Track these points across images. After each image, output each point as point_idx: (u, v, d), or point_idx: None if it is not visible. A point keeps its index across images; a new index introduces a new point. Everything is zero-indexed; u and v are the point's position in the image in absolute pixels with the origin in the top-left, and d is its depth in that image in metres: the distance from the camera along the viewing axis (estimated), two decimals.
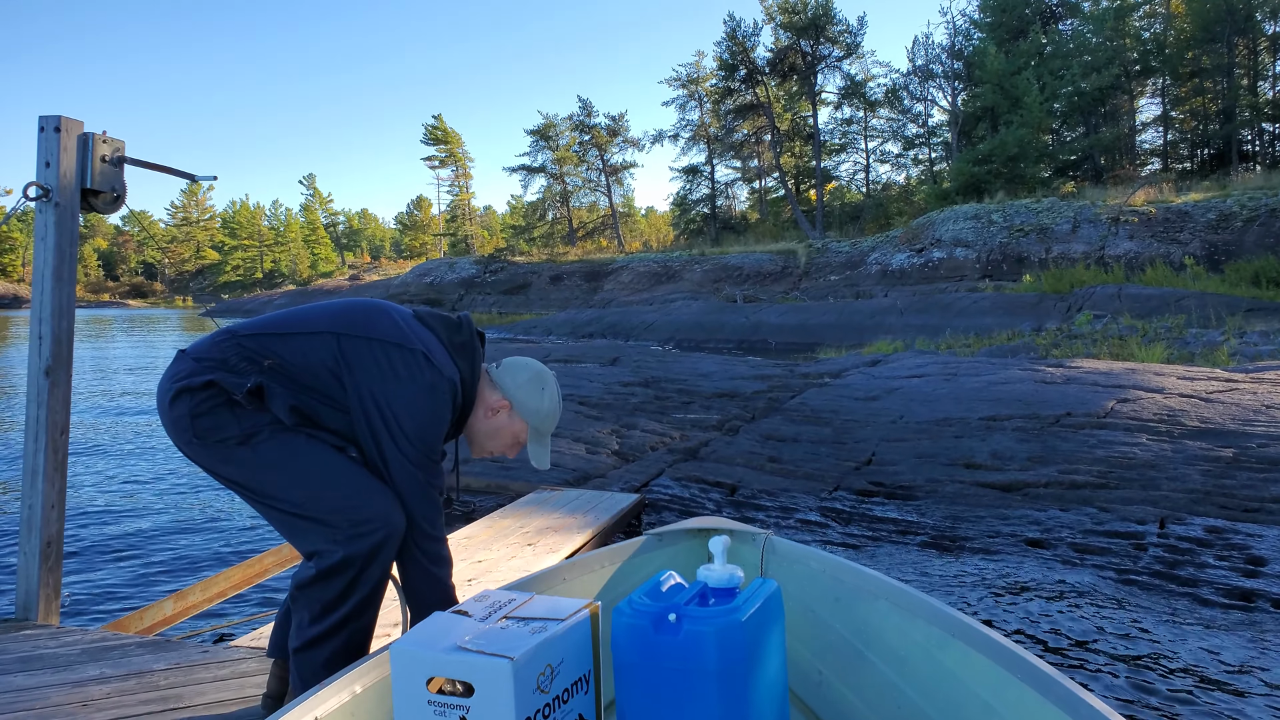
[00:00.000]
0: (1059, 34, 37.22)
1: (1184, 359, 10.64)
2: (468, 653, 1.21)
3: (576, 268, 39.96)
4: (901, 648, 1.56)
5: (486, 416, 2.07)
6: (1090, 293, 18.40)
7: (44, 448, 3.17)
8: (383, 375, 1.89)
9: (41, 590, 3.19)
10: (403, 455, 1.89)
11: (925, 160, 43.43)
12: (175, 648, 2.87)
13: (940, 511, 5.21)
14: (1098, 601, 3.87)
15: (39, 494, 3.17)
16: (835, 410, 7.68)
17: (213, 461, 1.92)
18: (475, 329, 2.10)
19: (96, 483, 7.37)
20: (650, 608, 1.34)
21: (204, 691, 2.43)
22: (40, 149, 3.12)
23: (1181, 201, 23.98)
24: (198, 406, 1.87)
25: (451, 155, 65.24)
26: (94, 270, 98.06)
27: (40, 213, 3.14)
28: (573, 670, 1.32)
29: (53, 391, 3.18)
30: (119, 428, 10.42)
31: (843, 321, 21.49)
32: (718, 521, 2.12)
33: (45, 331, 3.17)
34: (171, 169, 3.38)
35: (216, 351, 1.92)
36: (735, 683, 1.29)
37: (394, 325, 1.96)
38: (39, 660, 2.70)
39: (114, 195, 3.26)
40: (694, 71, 48.43)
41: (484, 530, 4.48)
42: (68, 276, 3.21)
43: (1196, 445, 5.83)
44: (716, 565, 1.41)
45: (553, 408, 2.11)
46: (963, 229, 26.95)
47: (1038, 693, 1.21)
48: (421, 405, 1.89)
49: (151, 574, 4.98)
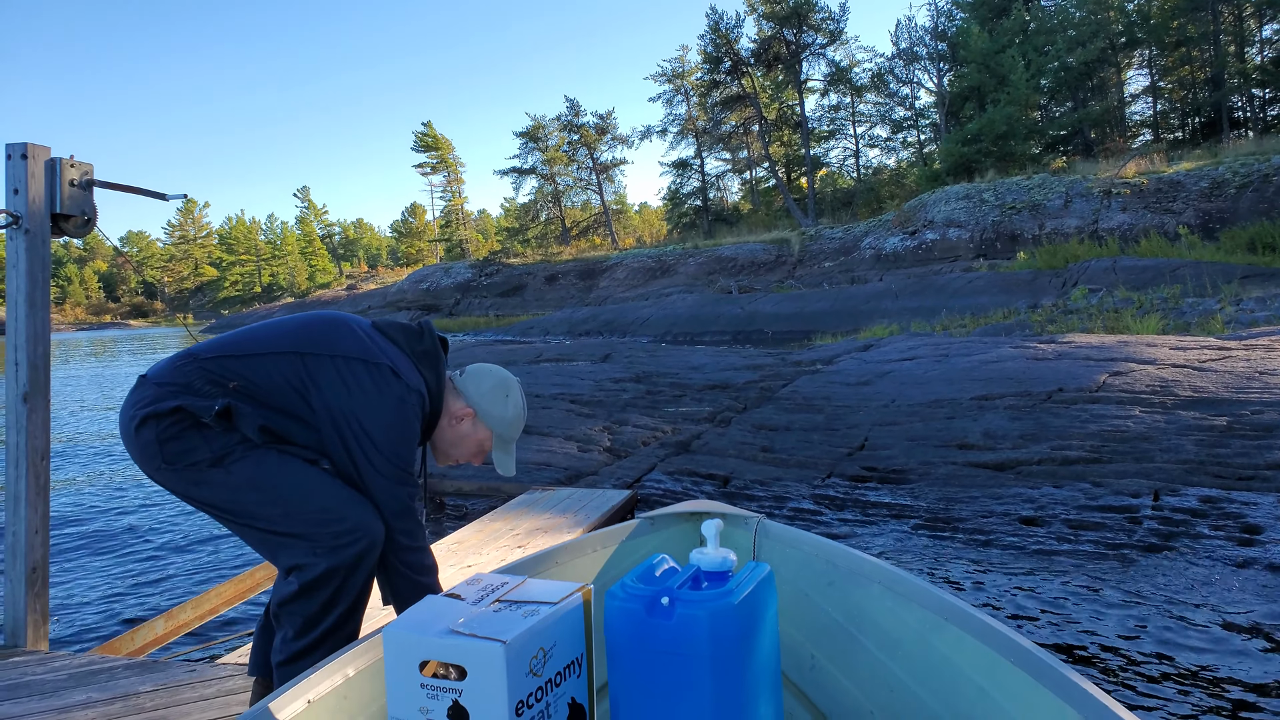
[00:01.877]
0: (1042, 10, 37.18)
1: (1180, 329, 10.62)
2: (460, 636, 1.21)
3: (571, 267, 39.98)
4: (894, 631, 1.56)
5: (451, 425, 2.06)
6: (1085, 267, 18.37)
7: (24, 473, 3.17)
8: (349, 392, 1.88)
9: (29, 616, 3.19)
10: (376, 470, 1.88)
11: (914, 143, 43.38)
12: (162, 669, 2.86)
13: (934, 494, 5.18)
14: (1092, 575, 3.85)
15: (22, 520, 3.17)
16: (827, 397, 7.66)
17: (185, 486, 1.90)
18: (436, 335, 2.09)
19: (89, 503, 7.36)
20: (643, 591, 1.34)
21: (189, 712, 2.42)
22: (8, 176, 3.13)
23: (1173, 171, 23.94)
24: (164, 431, 1.85)
25: (443, 161, 65.22)
26: (95, 292, 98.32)
27: (11, 240, 3.15)
28: (565, 653, 1.32)
29: (31, 417, 3.18)
30: (109, 446, 10.41)
31: (838, 308, 21.48)
32: (710, 505, 2.12)
33: (21, 358, 3.18)
34: (141, 189, 3.37)
35: (179, 376, 1.90)
36: (728, 666, 1.29)
37: (356, 340, 1.95)
38: (25, 688, 2.70)
39: (84, 219, 3.26)
40: (679, 66, 48.41)
41: (474, 534, 4.47)
42: (41, 302, 3.21)
43: (1190, 415, 5.80)
44: (709, 549, 1.41)
45: (517, 415, 2.10)
46: (955, 209, 26.92)
47: (1031, 676, 1.21)
48: (391, 419, 1.88)
49: (143, 594, 4.96)
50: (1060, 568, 3.99)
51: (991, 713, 1.30)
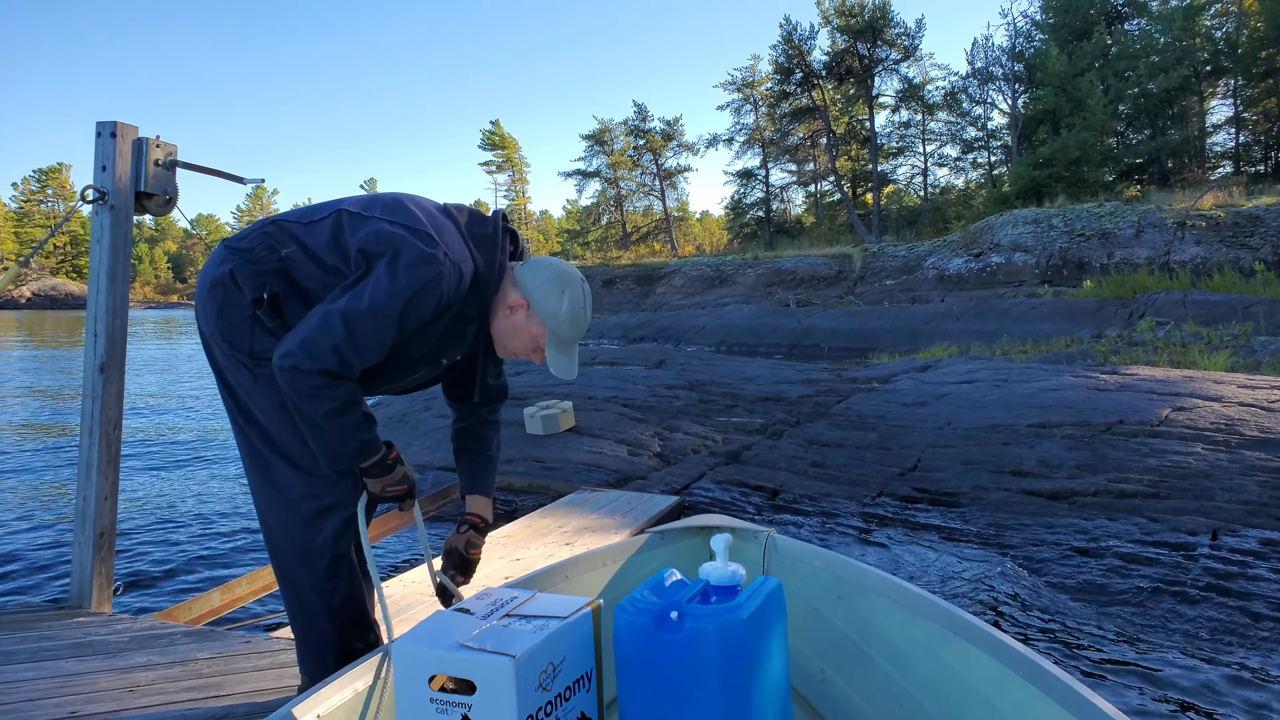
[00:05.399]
0: (1125, 34, 36.25)
1: (1249, 368, 10.32)
2: (470, 650, 1.22)
3: (629, 271, 40.03)
4: (903, 645, 1.56)
5: (505, 315, 1.98)
6: (1153, 299, 17.92)
7: (98, 441, 3.29)
8: (381, 243, 1.83)
9: (95, 579, 3.31)
10: (349, 300, 1.78)
11: (984, 164, 42.65)
12: (219, 638, 2.96)
13: (984, 519, 5.13)
14: (1140, 610, 3.79)
15: (93, 486, 3.29)
16: (882, 415, 7.61)
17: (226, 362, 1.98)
18: (506, 226, 2.02)
19: (153, 476, 7.60)
20: (652, 605, 1.34)
21: (244, 680, 2.50)
22: (97, 154, 3.24)
23: (1253, 205, 23.21)
24: (225, 307, 1.92)
25: (508, 160, 65.85)
26: (164, 272, 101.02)
27: (96, 215, 3.27)
28: (575, 668, 1.32)
29: (106, 387, 3.30)
30: (178, 424, 10.73)
31: (897, 326, 21.22)
32: (719, 519, 2.12)
33: (100, 329, 3.29)
34: (221, 172, 3.49)
35: (246, 242, 1.95)
36: (737, 680, 1.28)
37: (408, 211, 1.90)
38: (89, 646, 2.80)
39: (166, 198, 3.38)
40: (749, 75, 48.32)
41: (523, 529, 4.54)
42: (121, 276, 3.33)
43: (1255, 455, 5.65)
44: (718, 563, 1.41)
45: (572, 313, 1.94)
46: (1022, 233, 26.43)
47: (1040, 690, 1.20)
48: (409, 273, 1.78)
49: (202, 565, 5.13)
50: (1109, 601, 3.93)
51: None
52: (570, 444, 6.82)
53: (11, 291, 63.25)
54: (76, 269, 78.24)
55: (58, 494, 6.96)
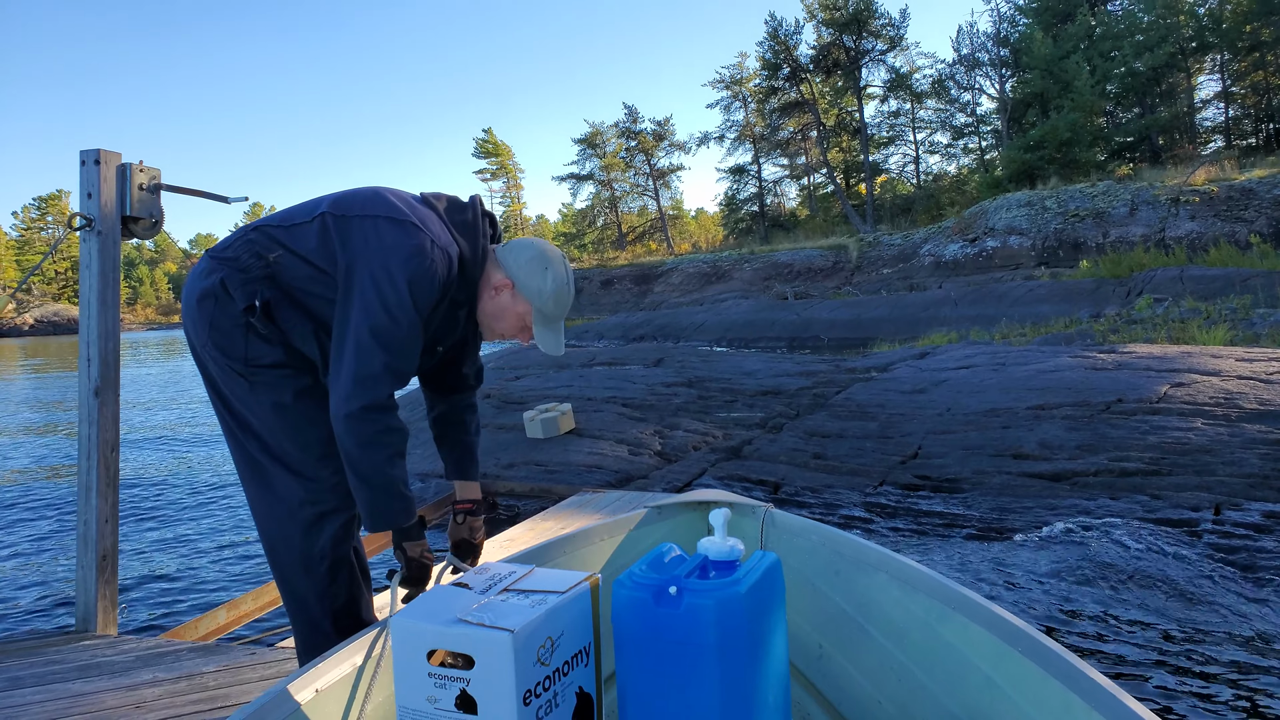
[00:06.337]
0: (1108, 14, 36.28)
1: (1248, 340, 10.32)
2: (468, 625, 1.21)
3: (626, 271, 40.05)
4: (901, 621, 1.56)
5: (491, 297, 2.01)
6: (1150, 276, 17.92)
7: (96, 464, 3.30)
8: (367, 244, 1.86)
9: (99, 602, 3.32)
10: (366, 314, 1.81)
11: (975, 149, 42.68)
12: (224, 651, 2.97)
13: (987, 503, 5.14)
14: (1144, 587, 3.80)
15: (93, 509, 3.30)
16: (881, 404, 7.61)
17: (219, 373, 1.99)
18: (484, 211, 2.05)
19: (158, 495, 7.61)
20: (651, 580, 1.33)
21: (250, 691, 2.52)
22: (82, 181, 3.26)
23: (1245, 179, 23.20)
24: (216, 318, 1.93)
25: (502, 168, 65.81)
26: (165, 293, 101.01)
27: (84, 241, 3.29)
28: (573, 643, 1.32)
29: (102, 410, 3.31)
30: (178, 444, 10.74)
31: (896, 315, 21.23)
32: (718, 494, 2.12)
33: (93, 354, 3.31)
34: (204, 193, 3.50)
35: (231, 251, 1.96)
36: (736, 655, 1.28)
37: (388, 203, 1.93)
38: (96, 668, 2.82)
39: (152, 221, 3.40)
40: (737, 72, 48.32)
41: (526, 532, 4.55)
42: (111, 300, 3.35)
43: (1255, 428, 5.66)
44: (717, 538, 1.40)
45: (556, 289, 1.98)
46: (1016, 217, 26.44)
47: (1038, 666, 1.20)
48: (406, 267, 1.82)
49: (207, 584, 5.13)
50: (1112, 580, 3.94)
51: (998, 701, 1.30)
52: (571, 446, 6.83)
53: (15, 319, 63.34)
54: (79, 294, 78.07)
55: (68, 519, 6.98)
